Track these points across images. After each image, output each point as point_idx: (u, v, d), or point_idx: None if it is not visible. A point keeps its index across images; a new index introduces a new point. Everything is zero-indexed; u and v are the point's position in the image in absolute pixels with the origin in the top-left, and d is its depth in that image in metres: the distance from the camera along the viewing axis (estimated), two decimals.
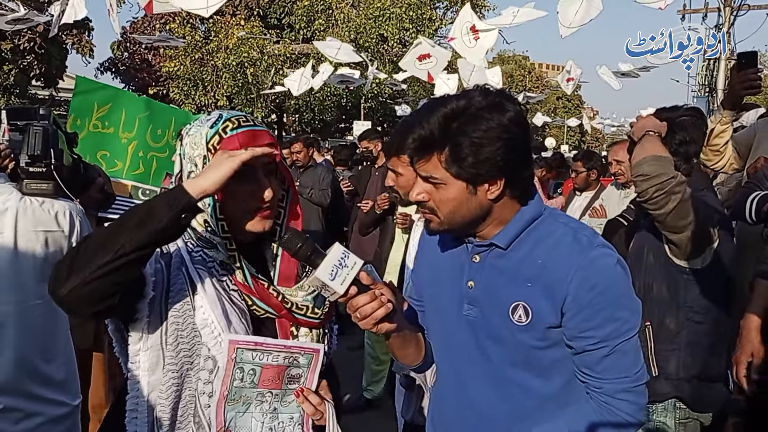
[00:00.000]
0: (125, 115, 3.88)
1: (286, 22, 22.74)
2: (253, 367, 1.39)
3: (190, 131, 1.47)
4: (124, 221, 1.25)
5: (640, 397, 1.44)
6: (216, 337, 1.37)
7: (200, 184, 1.29)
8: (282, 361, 1.42)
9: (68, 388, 2.23)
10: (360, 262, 1.34)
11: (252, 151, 1.35)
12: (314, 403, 1.47)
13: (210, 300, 1.39)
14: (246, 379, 1.39)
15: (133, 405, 1.38)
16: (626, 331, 1.41)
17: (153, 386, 1.38)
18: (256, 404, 1.43)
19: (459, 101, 1.37)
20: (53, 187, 2.11)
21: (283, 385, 1.45)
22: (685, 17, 18.85)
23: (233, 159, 1.31)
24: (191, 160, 1.44)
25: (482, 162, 1.35)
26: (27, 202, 2.07)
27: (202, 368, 1.39)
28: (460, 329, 1.52)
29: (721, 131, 3.29)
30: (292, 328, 1.50)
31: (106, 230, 1.26)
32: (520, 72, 44.96)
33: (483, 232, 1.48)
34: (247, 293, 1.45)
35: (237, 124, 1.43)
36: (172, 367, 1.37)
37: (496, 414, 1.50)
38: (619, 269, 1.41)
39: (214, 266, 1.44)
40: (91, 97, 3.85)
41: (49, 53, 20.74)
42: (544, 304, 1.40)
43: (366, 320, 1.36)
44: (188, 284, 1.39)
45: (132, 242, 1.22)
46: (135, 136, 3.89)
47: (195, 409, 1.39)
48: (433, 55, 7.62)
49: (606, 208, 4.68)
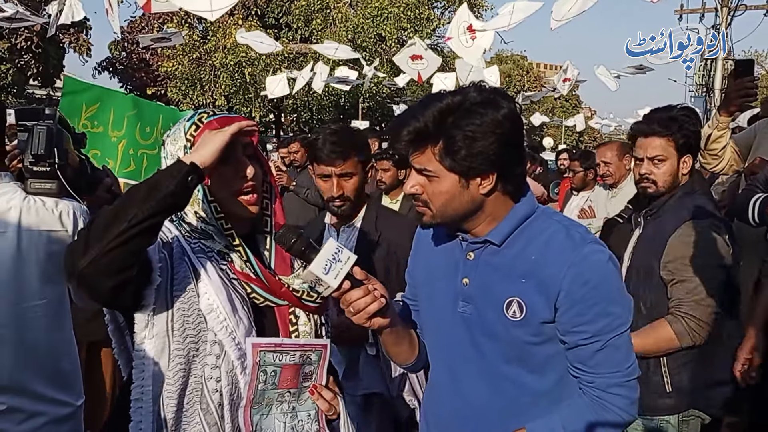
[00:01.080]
0: (114, 114, 3.89)
1: (284, 21, 22.74)
2: (274, 368, 1.42)
3: (171, 133, 1.51)
4: (131, 195, 1.29)
5: (632, 391, 1.47)
6: (222, 322, 1.39)
7: (195, 156, 1.33)
8: (297, 359, 1.45)
9: (72, 387, 2.22)
10: (353, 257, 1.36)
11: (238, 124, 1.39)
12: (328, 398, 1.51)
13: (215, 286, 1.41)
14: (268, 381, 1.42)
15: (138, 394, 1.40)
16: (618, 326, 1.43)
17: (158, 374, 1.39)
18: (277, 405, 1.46)
19: (454, 97, 1.41)
20: (57, 187, 2.11)
21: (299, 383, 1.48)
22: (683, 17, 18.93)
23: (223, 132, 1.36)
24: (173, 156, 1.46)
25: (475, 155, 1.37)
26: (31, 201, 2.07)
27: (208, 353, 1.41)
28: (455, 326, 1.54)
29: (718, 136, 3.33)
30: (291, 316, 1.53)
31: (115, 206, 1.29)
32: (518, 72, 44.96)
33: (477, 229, 1.50)
34: (247, 281, 1.47)
35: (212, 113, 1.49)
36: (179, 353, 1.39)
37: (490, 410, 1.52)
38: (610, 265, 1.44)
39: (213, 255, 1.46)
40: (80, 97, 3.85)
41: (47, 52, 20.74)
42: (538, 299, 1.42)
43: (359, 315, 1.37)
44: (192, 271, 1.42)
45: (144, 210, 1.26)
46: (124, 134, 3.91)
47: (201, 395, 1.41)
48: (425, 58, 7.68)
49: (594, 208, 4.71)
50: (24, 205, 2.04)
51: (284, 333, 1.51)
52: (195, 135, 1.45)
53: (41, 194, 2.09)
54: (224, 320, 1.40)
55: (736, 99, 3.13)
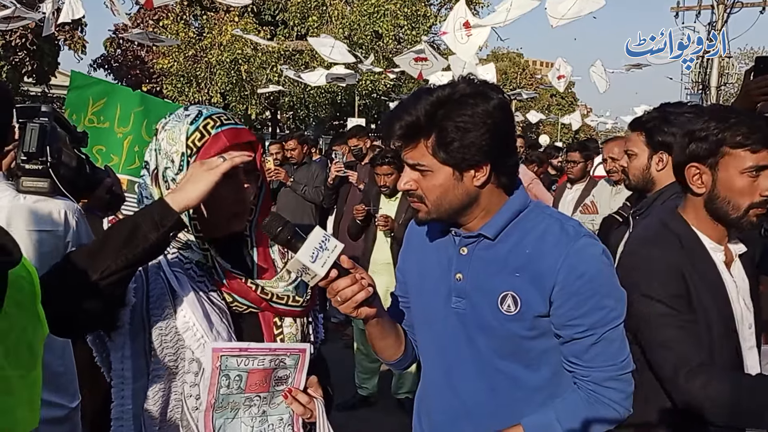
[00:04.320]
0: (120, 110, 3.86)
1: (280, 18, 22.69)
2: (239, 372, 1.37)
3: (167, 126, 1.44)
4: (109, 240, 1.24)
5: (626, 385, 1.46)
6: (198, 339, 1.35)
7: (181, 199, 1.26)
8: (268, 364, 1.40)
9: (65, 389, 2.20)
10: (340, 246, 1.34)
11: (231, 161, 1.31)
12: (303, 402, 1.45)
13: (190, 303, 1.37)
14: (232, 386, 1.37)
15: (119, 413, 1.37)
16: (613, 319, 1.43)
17: (138, 393, 1.37)
18: (245, 409, 1.41)
19: (444, 90, 1.40)
20: (50, 185, 2.07)
21: (271, 387, 1.43)
22: (679, 14, 18.98)
23: (214, 171, 1.28)
24: (167, 156, 1.41)
25: (468, 146, 1.37)
26: (20, 200, 2.04)
27: (187, 371, 1.37)
28: (449, 323, 1.53)
29: None
30: (276, 319, 1.48)
31: (91, 250, 1.24)
32: (514, 69, 45.02)
33: (470, 224, 1.49)
34: (226, 291, 1.43)
35: (219, 122, 1.41)
36: (158, 373, 1.36)
37: (484, 406, 1.52)
38: (604, 259, 1.43)
39: (191, 267, 1.42)
40: (86, 92, 3.83)
41: (42, 50, 20.68)
42: (533, 293, 1.42)
43: (347, 303, 1.36)
44: (167, 288, 1.38)
45: (119, 261, 1.21)
46: (130, 131, 3.87)
47: (182, 413, 1.38)
48: (431, 61, 7.67)
49: (597, 204, 4.68)
50: (14, 204, 2.01)
51: (269, 337, 1.47)
52: (199, 145, 1.39)
53: (33, 193, 2.06)
54: (201, 338, 1.36)
55: (759, 96, 3.12)
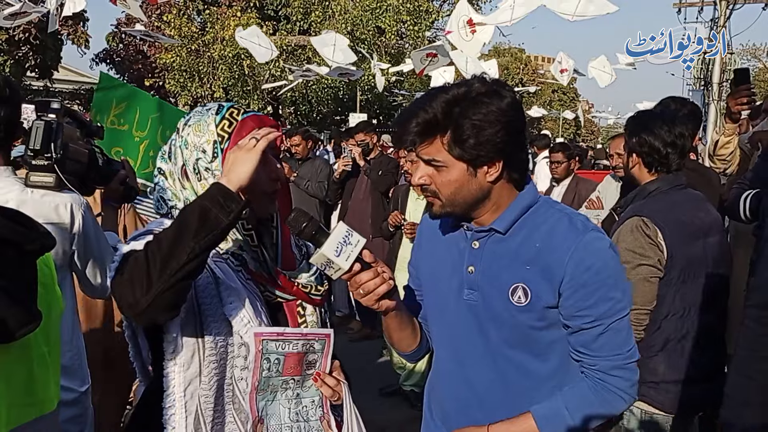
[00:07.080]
0: (139, 114, 3.94)
1: (283, 13, 22.65)
2: (277, 356, 1.46)
3: (190, 122, 1.51)
4: (184, 226, 1.28)
5: (632, 373, 1.52)
6: (246, 324, 1.43)
7: (236, 180, 1.33)
8: (301, 348, 1.49)
9: (74, 374, 2.28)
10: (363, 240, 1.39)
11: (266, 137, 1.39)
12: (331, 385, 1.55)
13: (234, 291, 1.44)
14: (272, 369, 1.46)
15: (171, 402, 1.42)
16: (619, 310, 1.48)
17: (189, 380, 1.42)
18: (282, 391, 1.50)
19: (459, 88, 1.45)
20: (55, 180, 2.13)
21: (303, 371, 1.52)
22: (681, 11, 18.96)
23: (255, 150, 1.36)
24: (197, 148, 1.48)
25: (483, 144, 1.42)
26: (28, 193, 2.10)
27: (237, 355, 1.45)
28: (461, 314, 1.58)
29: (725, 142, 3.48)
30: (299, 308, 1.58)
31: (165, 239, 1.28)
32: (515, 64, 44.95)
33: (482, 218, 1.54)
34: (261, 282, 1.51)
35: (242, 110, 1.52)
36: (213, 358, 1.43)
37: (494, 394, 1.57)
38: (611, 252, 1.49)
39: (228, 258, 1.50)
40: (111, 93, 3.92)
41: (44, 44, 20.66)
42: (543, 285, 1.47)
43: (369, 296, 1.42)
44: (212, 276, 1.45)
45: (201, 243, 1.27)
46: (147, 136, 3.96)
47: (233, 395, 1.45)
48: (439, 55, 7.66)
49: (603, 200, 4.72)
50: (21, 197, 2.07)
51: (293, 324, 1.57)
52: (230, 131, 1.47)
53: (39, 187, 2.12)
54: (248, 323, 1.43)
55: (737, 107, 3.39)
